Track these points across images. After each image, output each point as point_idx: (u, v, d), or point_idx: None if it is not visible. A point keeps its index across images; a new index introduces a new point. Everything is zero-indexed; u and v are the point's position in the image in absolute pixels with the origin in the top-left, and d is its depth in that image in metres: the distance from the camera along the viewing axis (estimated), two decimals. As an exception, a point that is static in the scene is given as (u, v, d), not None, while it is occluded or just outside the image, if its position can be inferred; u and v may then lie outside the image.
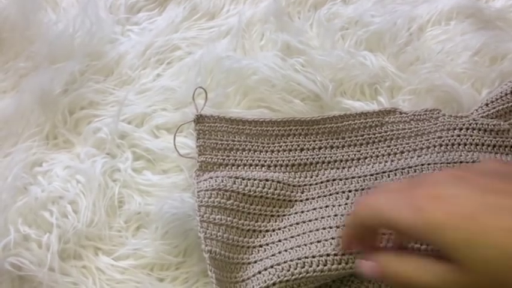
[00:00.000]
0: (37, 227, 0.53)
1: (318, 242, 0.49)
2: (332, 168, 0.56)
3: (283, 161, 0.56)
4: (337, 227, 0.50)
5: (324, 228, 0.51)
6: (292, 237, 0.51)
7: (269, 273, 0.48)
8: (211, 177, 0.54)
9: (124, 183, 0.55)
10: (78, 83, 0.61)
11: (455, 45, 0.62)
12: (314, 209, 0.54)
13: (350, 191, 0.54)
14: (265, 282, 0.48)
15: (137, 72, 0.63)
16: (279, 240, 0.52)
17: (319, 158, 0.56)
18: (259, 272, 0.49)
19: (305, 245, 0.49)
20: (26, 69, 0.62)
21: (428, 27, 0.65)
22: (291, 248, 0.50)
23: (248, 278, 0.49)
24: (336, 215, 0.52)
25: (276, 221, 0.53)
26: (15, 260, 0.51)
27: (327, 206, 0.53)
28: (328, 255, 0.48)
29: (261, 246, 0.52)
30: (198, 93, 0.60)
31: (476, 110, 0.57)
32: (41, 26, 0.64)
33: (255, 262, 0.51)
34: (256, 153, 0.56)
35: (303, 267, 0.48)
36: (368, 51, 0.63)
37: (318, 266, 0.48)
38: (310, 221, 0.52)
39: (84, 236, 0.53)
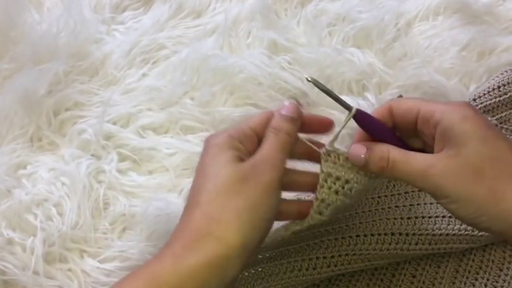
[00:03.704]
0: (21, 231, 0.52)
1: (307, 245, 0.49)
2: None
3: None
4: (326, 231, 0.49)
5: (312, 232, 0.50)
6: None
7: (257, 276, 0.47)
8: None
9: (109, 184, 0.55)
10: (63, 83, 0.60)
11: (443, 40, 0.62)
12: None
13: None
14: (253, 286, 0.47)
15: (122, 72, 0.62)
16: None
17: None
18: (247, 275, 0.48)
19: (293, 247, 0.49)
20: (10, 71, 0.61)
21: (416, 23, 0.64)
22: (279, 251, 0.49)
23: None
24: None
25: None
26: (-2, 265, 0.50)
27: None
28: (317, 258, 0.47)
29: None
30: (185, 92, 0.60)
31: (464, 106, 0.56)
32: (24, 26, 0.63)
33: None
34: None
35: (292, 271, 0.47)
36: (355, 48, 0.62)
37: (307, 269, 0.47)
38: None
39: (69, 238, 0.52)
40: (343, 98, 0.58)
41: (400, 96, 0.52)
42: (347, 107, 0.39)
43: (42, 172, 0.55)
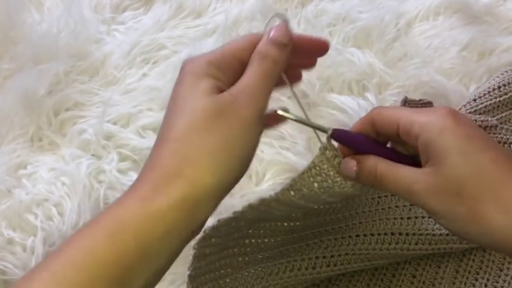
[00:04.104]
0: (21, 231, 0.52)
1: (307, 245, 0.49)
2: None
3: None
4: (326, 231, 0.49)
5: (312, 232, 0.50)
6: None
7: (257, 276, 0.47)
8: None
9: (109, 184, 0.55)
10: (63, 83, 0.60)
11: (443, 40, 0.62)
12: None
13: None
14: (253, 285, 0.47)
15: (123, 72, 0.62)
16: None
17: None
18: (246, 274, 0.48)
19: (293, 247, 0.49)
20: (10, 71, 0.61)
21: (416, 23, 0.65)
22: (279, 251, 0.49)
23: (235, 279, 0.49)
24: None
25: None
26: (-1, 264, 0.50)
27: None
28: (317, 257, 0.47)
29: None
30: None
31: (464, 106, 0.56)
32: (24, 26, 0.63)
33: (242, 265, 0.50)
34: None
35: (292, 270, 0.47)
36: (356, 48, 0.62)
37: (306, 269, 0.47)
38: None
39: (69, 238, 0.52)
40: (343, 98, 0.59)
41: (405, 97, 0.52)
42: (323, 130, 0.37)
43: (43, 172, 0.55)
